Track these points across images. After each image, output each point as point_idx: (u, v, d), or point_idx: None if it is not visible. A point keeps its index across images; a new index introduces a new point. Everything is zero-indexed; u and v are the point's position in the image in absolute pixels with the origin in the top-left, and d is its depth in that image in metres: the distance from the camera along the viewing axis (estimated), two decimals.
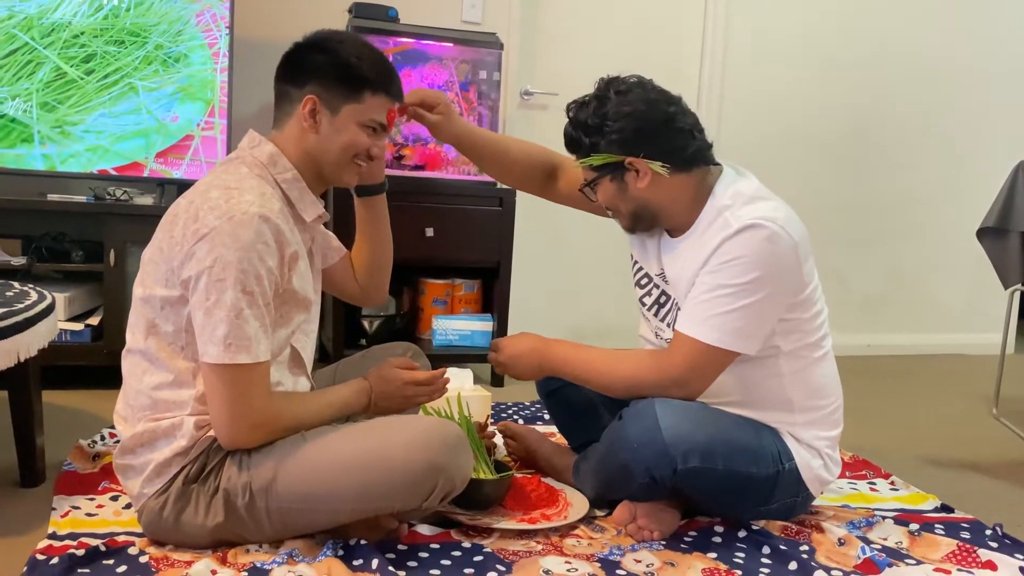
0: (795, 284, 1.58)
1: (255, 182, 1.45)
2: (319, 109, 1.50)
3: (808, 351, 1.65)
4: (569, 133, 1.66)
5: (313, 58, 1.52)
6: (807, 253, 1.60)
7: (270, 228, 1.39)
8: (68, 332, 2.52)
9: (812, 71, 3.82)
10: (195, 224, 1.38)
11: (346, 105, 1.51)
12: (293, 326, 1.51)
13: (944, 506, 1.91)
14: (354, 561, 1.42)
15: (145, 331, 1.45)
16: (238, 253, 1.35)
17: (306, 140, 1.51)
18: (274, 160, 1.51)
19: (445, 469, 1.42)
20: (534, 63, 3.49)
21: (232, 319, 1.35)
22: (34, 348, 1.70)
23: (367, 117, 1.52)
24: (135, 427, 1.46)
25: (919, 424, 2.77)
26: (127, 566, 1.40)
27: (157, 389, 1.44)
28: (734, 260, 1.53)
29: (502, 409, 2.59)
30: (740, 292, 1.53)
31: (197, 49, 2.70)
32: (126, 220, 2.57)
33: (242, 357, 1.36)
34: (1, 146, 2.56)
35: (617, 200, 1.66)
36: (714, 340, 1.54)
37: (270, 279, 1.40)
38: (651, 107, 1.59)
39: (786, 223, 1.55)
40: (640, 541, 1.61)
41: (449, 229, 2.88)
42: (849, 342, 3.86)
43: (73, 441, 1.97)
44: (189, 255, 1.37)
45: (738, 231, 1.53)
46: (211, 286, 1.35)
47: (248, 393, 1.38)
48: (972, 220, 2.69)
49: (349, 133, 1.51)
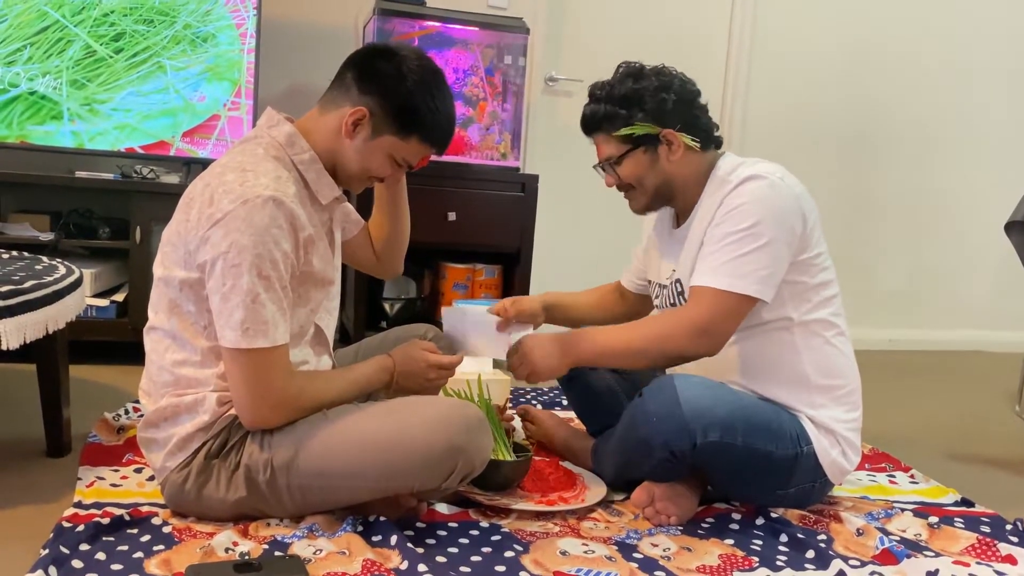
0: (798, 232, 1.60)
1: (271, 164, 1.44)
2: (363, 124, 1.48)
3: (822, 328, 1.66)
4: (600, 108, 1.68)
5: (390, 76, 1.48)
6: (809, 210, 1.63)
7: (284, 212, 1.38)
8: (94, 308, 2.55)
9: (839, 66, 3.78)
10: (210, 208, 1.38)
11: (389, 135, 1.49)
12: (313, 304, 1.52)
13: (964, 500, 1.90)
14: (373, 537, 1.44)
15: (168, 310, 1.46)
16: (253, 238, 1.35)
17: (337, 139, 1.50)
18: (292, 141, 1.50)
19: (465, 450, 1.43)
20: (560, 49, 3.48)
21: (249, 304, 1.35)
22: (62, 321, 1.73)
23: (401, 154, 1.53)
24: (158, 402, 1.48)
25: (940, 419, 2.75)
26: (151, 535, 1.42)
27: (179, 366, 1.46)
28: (736, 208, 1.59)
29: (521, 394, 2.60)
30: (746, 237, 1.56)
31: (225, 29, 2.72)
32: (152, 198, 2.59)
33: (260, 341, 1.37)
34: (31, 123, 2.59)
35: (645, 173, 1.68)
36: (727, 286, 1.56)
37: (286, 263, 1.39)
38: (684, 84, 1.69)
39: (785, 176, 1.62)
40: (657, 525, 1.61)
41: (471, 213, 2.88)
42: (872, 337, 3.84)
43: (98, 414, 2.00)
44: (204, 240, 1.37)
45: (738, 184, 1.61)
46: (227, 271, 1.36)
47: (268, 376, 1.39)
48: (997, 216, 2.65)
49: (378, 159, 1.52)
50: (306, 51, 3.15)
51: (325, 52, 3.17)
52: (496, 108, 2.98)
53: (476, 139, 2.97)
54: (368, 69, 1.50)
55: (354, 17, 3.17)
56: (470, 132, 2.96)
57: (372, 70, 1.49)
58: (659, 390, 1.59)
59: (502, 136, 3.01)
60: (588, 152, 1.77)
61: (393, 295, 2.96)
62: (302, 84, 3.18)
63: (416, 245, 1.85)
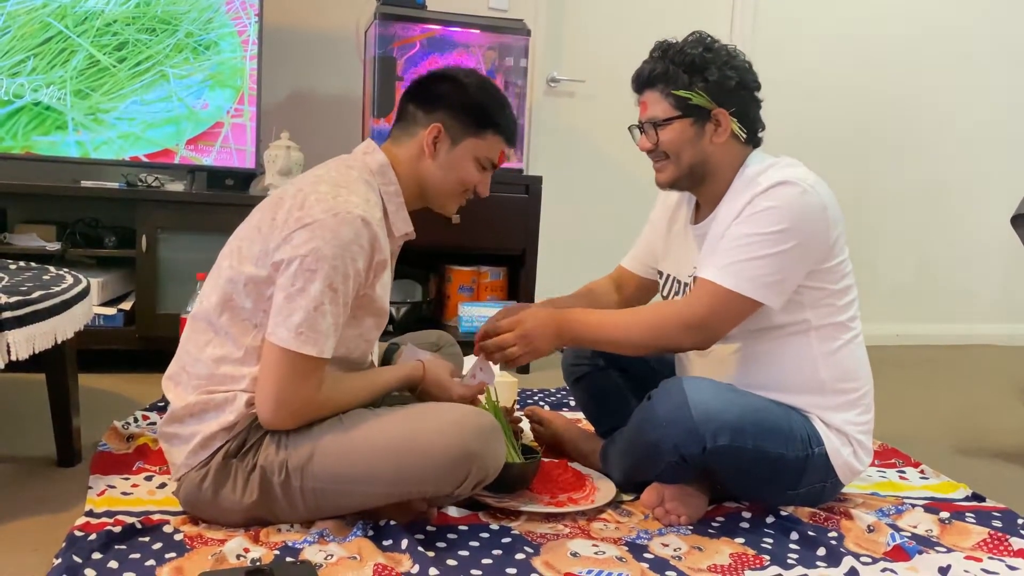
0: (822, 243, 1.58)
1: (363, 187, 1.50)
2: (442, 138, 1.55)
3: (838, 332, 1.65)
4: (663, 65, 1.62)
5: (447, 89, 1.57)
6: (837, 220, 1.60)
7: (369, 232, 1.42)
8: (101, 317, 2.56)
9: (843, 61, 3.78)
10: (300, 212, 1.42)
11: (468, 139, 1.56)
12: (362, 329, 1.54)
13: (975, 495, 1.89)
14: (384, 542, 1.44)
15: (221, 303, 1.47)
16: (334, 249, 1.39)
17: (421, 163, 1.56)
18: (383, 171, 1.55)
19: (479, 456, 1.44)
20: (561, 50, 3.49)
21: (311, 310, 1.38)
22: (70, 331, 1.73)
23: (483, 154, 1.58)
24: (188, 395, 1.48)
25: (949, 413, 2.74)
26: (162, 543, 1.42)
27: (219, 362, 1.47)
28: (764, 211, 1.55)
29: (528, 396, 2.60)
30: (766, 241, 1.54)
31: (227, 37, 2.73)
32: (157, 206, 2.60)
33: (309, 348, 1.38)
34: (36, 133, 2.60)
35: (685, 147, 1.64)
36: (733, 286, 1.54)
37: (356, 280, 1.43)
38: (749, 71, 1.67)
39: (816, 184, 1.59)
40: (667, 525, 1.61)
41: (475, 216, 2.88)
42: (879, 331, 3.83)
43: (107, 423, 2.01)
44: (287, 239, 1.41)
45: (769, 187, 1.56)
46: (300, 273, 1.39)
47: (301, 383, 1.40)
48: (1004, 210, 2.65)
49: (465, 166, 1.58)
50: (308, 56, 3.16)
51: (327, 57, 3.19)
52: None
53: None
54: (427, 93, 1.58)
55: (355, 22, 3.17)
56: None
57: (431, 93, 1.58)
58: (668, 393, 1.58)
59: None
60: (592, 152, 1.77)
61: (399, 299, 2.97)
62: (304, 90, 3.20)
63: (421, 248, 1.86)
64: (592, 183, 3.54)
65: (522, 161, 3.05)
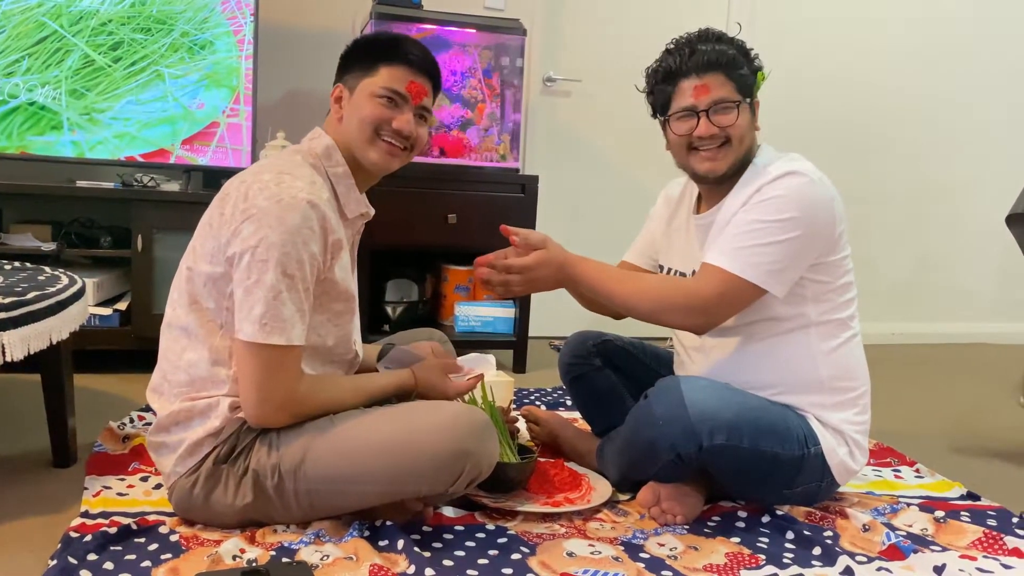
0: (828, 235, 1.59)
1: (307, 170, 1.48)
2: (344, 94, 1.54)
3: (838, 329, 1.65)
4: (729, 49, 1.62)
5: (344, 52, 1.58)
6: (842, 215, 1.62)
7: (317, 214, 1.41)
8: (97, 317, 2.56)
9: (838, 60, 3.78)
10: (244, 203, 1.41)
11: (361, 81, 1.54)
12: (330, 314, 1.53)
13: (970, 494, 1.90)
14: (380, 542, 1.44)
15: (187, 306, 1.47)
16: (283, 236, 1.38)
17: (338, 129, 1.55)
18: (329, 153, 1.54)
19: (473, 455, 1.43)
20: (557, 49, 3.48)
21: (270, 300, 1.37)
22: (66, 331, 1.73)
23: (380, 86, 1.53)
24: (171, 404, 1.48)
25: (945, 412, 2.75)
26: (158, 544, 1.42)
27: (195, 366, 1.47)
28: (772, 199, 1.56)
29: (524, 395, 2.60)
30: (774, 228, 1.54)
31: (222, 36, 2.72)
32: (153, 206, 2.60)
33: (275, 338, 1.38)
34: (31, 133, 2.59)
35: (748, 132, 1.64)
36: (739, 271, 1.55)
37: (312, 264, 1.42)
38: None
39: (823, 178, 1.60)
40: (663, 525, 1.61)
41: (471, 215, 2.89)
42: (876, 330, 3.84)
43: (103, 423, 2.00)
44: (236, 233, 1.40)
45: (778, 176, 1.58)
46: (253, 265, 1.38)
47: (278, 374, 1.40)
48: (1001, 209, 2.65)
49: (363, 106, 1.53)
50: (304, 56, 3.16)
51: (323, 56, 3.17)
52: (495, 109, 2.98)
53: (475, 141, 2.97)
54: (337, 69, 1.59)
55: (351, 21, 3.17)
56: (469, 134, 2.96)
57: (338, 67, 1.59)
58: (665, 392, 1.58)
59: (501, 137, 3.01)
60: (588, 152, 1.77)
61: (395, 298, 2.96)
62: (300, 89, 3.19)
63: (417, 248, 1.85)
64: (588, 182, 3.54)
65: (518, 161, 3.05)
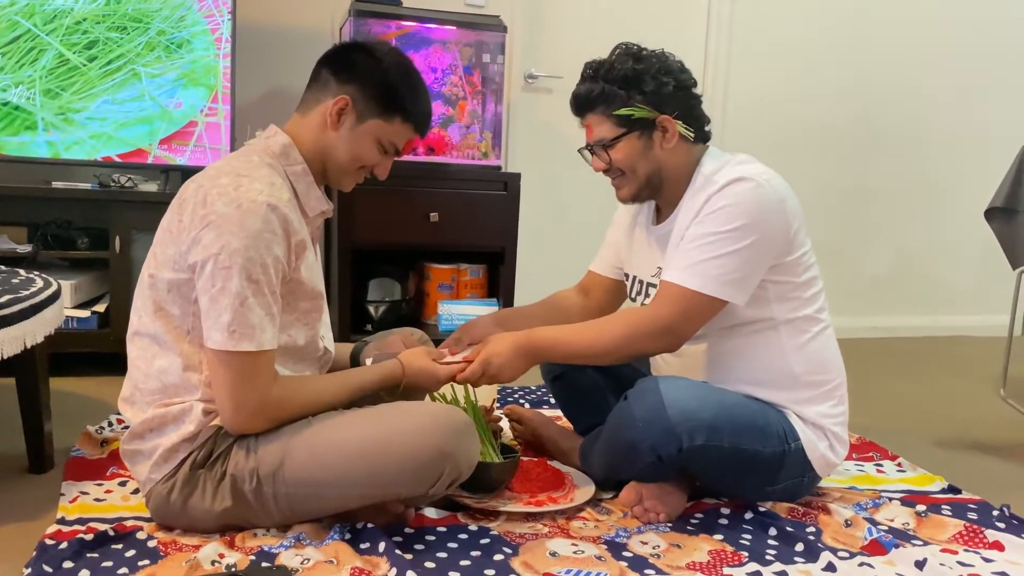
0: (782, 237, 1.59)
1: (265, 171, 1.45)
2: (348, 111, 1.50)
3: (807, 324, 1.66)
4: (598, 87, 1.62)
5: (366, 63, 1.51)
6: (795, 212, 1.61)
7: (278, 217, 1.39)
8: (75, 319, 2.53)
9: (820, 55, 3.79)
10: (203, 209, 1.38)
11: (374, 119, 1.51)
12: (299, 314, 1.51)
13: (951, 487, 1.91)
14: (361, 544, 1.43)
15: (153, 313, 1.45)
16: (245, 241, 1.35)
17: (324, 133, 1.51)
18: (286, 152, 1.51)
19: (452, 456, 1.42)
20: (538, 46, 3.47)
21: (237, 307, 1.35)
22: (40, 335, 1.71)
23: (388, 138, 1.53)
24: (144, 412, 1.46)
25: (926, 406, 2.76)
26: (136, 550, 1.41)
27: (167, 373, 1.45)
28: (720, 209, 1.56)
29: (508, 393, 2.59)
30: (726, 239, 1.54)
31: (199, 35, 2.69)
32: (131, 207, 2.57)
33: (245, 344, 1.36)
34: (5, 134, 2.55)
35: (638, 160, 1.64)
36: (698, 286, 1.55)
37: (276, 268, 1.39)
38: (683, 71, 1.66)
39: (772, 179, 1.59)
40: (646, 523, 1.61)
41: (454, 214, 2.87)
42: (856, 324, 3.86)
43: (81, 427, 1.98)
44: (196, 240, 1.37)
45: (724, 185, 1.57)
46: (217, 273, 1.35)
47: (251, 380, 1.38)
48: (979, 202, 2.67)
49: (366, 145, 1.52)
50: (282, 54, 3.13)
51: (301, 55, 3.13)
52: (476, 107, 2.97)
53: (457, 138, 2.96)
54: (343, 62, 1.52)
55: (330, 19, 3.14)
56: (450, 131, 2.95)
57: (348, 61, 1.52)
58: (644, 393, 1.58)
59: (483, 135, 2.99)
60: (570, 149, 1.76)
61: (378, 297, 2.95)
62: (279, 88, 3.16)
63: (399, 246, 1.84)
64: (570, 179, 3.53)
65: (500, 158, 3.04)
